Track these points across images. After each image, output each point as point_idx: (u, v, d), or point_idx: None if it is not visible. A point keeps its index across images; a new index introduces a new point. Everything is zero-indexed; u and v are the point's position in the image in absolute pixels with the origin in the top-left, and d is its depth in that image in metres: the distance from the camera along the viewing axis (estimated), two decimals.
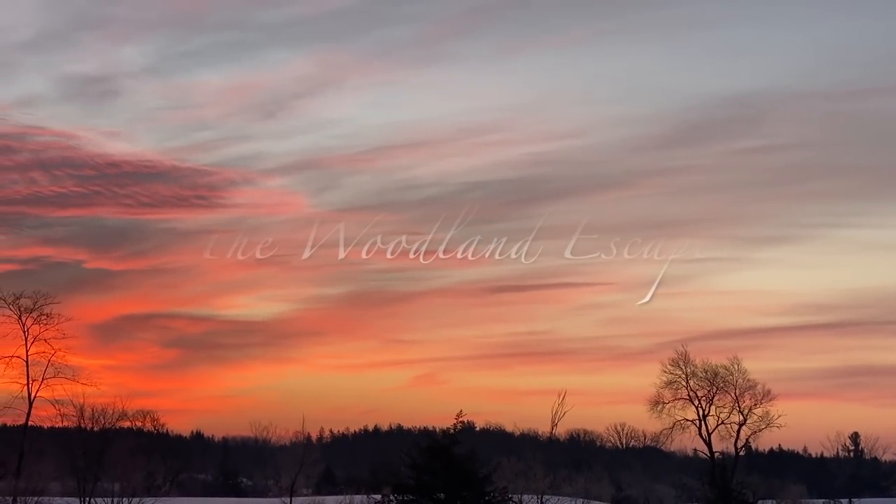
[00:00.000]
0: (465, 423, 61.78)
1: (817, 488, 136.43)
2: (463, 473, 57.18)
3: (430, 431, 72.49)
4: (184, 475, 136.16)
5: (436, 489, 56.71)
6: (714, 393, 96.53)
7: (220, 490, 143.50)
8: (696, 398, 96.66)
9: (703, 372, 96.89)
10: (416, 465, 58.34)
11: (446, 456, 57.34)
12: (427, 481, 56.89)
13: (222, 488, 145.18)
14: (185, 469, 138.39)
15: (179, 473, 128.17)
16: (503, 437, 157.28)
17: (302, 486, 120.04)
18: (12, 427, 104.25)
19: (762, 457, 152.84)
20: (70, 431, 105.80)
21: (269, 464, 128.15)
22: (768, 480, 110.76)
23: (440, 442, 58.78)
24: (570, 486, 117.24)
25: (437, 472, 56.88)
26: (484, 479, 58.74)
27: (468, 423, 74.00)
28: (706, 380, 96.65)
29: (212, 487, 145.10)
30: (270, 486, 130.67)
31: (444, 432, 59.48)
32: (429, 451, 58.14)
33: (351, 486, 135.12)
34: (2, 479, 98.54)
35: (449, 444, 58.09)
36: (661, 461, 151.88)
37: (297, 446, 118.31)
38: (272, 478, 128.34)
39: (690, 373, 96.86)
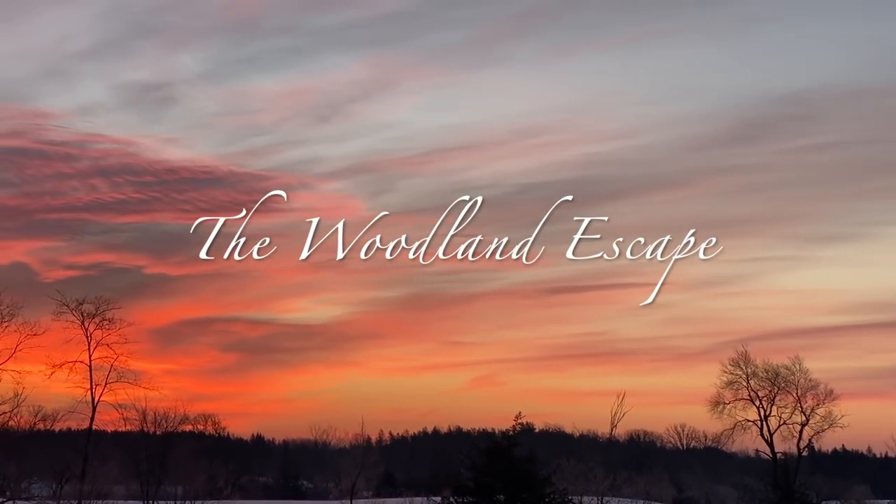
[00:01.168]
0: (524, 425, 61.69)
1: (882, 489, 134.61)
2: (523, 475, 57.10)
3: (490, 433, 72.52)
4: (245, 478, 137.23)
5: (495, 491, 56.68)
6: (775, 393, 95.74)
7: (281, 493, 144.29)
8: (757, 398, 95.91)
9: (763, 372, 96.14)
10: (475, 466, 58.33)
11: (506, 457, 57.28)
12: (487, 483, 56.87)
13: (283, 491, 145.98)
14: (246, 472, 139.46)
15: (241, 476, 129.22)
16: (563, 439, 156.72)
17: (362, 489, 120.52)
18: (77, 431, 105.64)
19: (825, 457, 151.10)
20: (133, 435, 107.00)
21: (330, 466, 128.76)
22: (832, 481, 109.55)
23: (500, 443, 58.72)
24: (631, 488, 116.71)
25: (497, 473, 56.84)
26: (544, 480, 58.61)
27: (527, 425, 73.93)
28: (767, 380, 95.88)
29: (273, 490, 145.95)
30: (331, 489, 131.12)
31: (504, 434, 59.40)
32: (488, 453, 58.11)
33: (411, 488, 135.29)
34: (67, 482, 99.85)
35: (508, 446, 58.02)
36: (722, 462, 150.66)
37: (357, 449, 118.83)
38: (332, 480, 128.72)
39: (751, 373, 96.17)
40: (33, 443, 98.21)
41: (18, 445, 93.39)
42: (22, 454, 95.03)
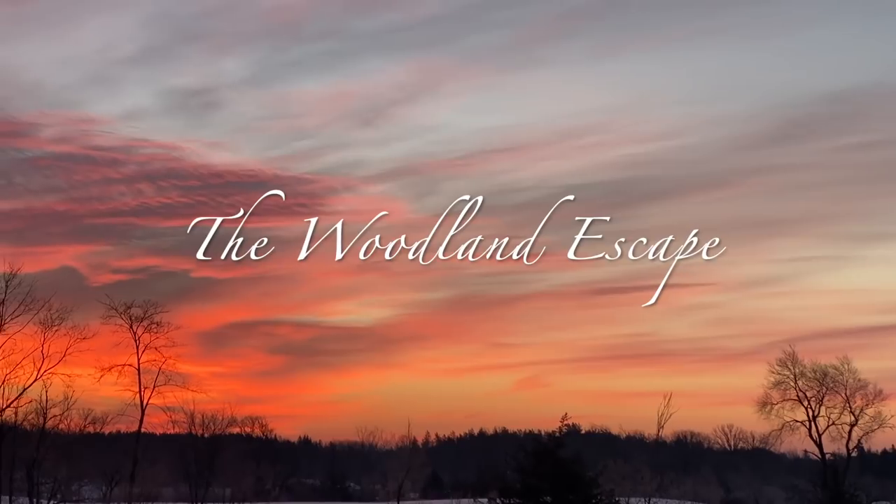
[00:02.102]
0: (570, 426, 61.50)
1: None
2: (569, 476, 56.95)
3: (536, 434, 72.15)
4: (292, 480, 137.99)
5: (542, 492, 56.58)
6: (824, 393, 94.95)
7: (329, 494, 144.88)
8: (805, 399, 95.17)
9: (811, 372, 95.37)
10: (522, 468, 58.25)
11: (552, 459, 57.15)
12: (533, 484, 56.78)
13: (330, 493, 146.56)
14: (294, 474, 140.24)
15: (288, 478, 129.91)
16: (609, 440, 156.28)
17: (409, 491, 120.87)
18: (126, 434, 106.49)
19: (875, 458, 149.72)
20: (181, 438, 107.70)
21: (376, 468, 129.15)
22: (882, 482, 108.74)
23: (546, 445, 58.59)
24: (678, 489, 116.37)
25: (544, 475, 56.73)
26: (591, 481, 58.42)
27: (573, 426, 73.83)
28: (815, 380, 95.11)
29: (320, 492, 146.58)
30: (378, 491, 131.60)
31: (550, 435, 59.24)
32: (535, 455, 57.99)
33: (457, 489, 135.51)
34: (117, 484, 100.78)
35: (555, 447, 57.88)
36: (770, 463, 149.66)
37: (404, 451, 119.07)
38: (379, 482, 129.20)
39: (799, 373, 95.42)
40: (83, 445, 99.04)
41: (69, 448, 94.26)
42: (72, 457, 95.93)
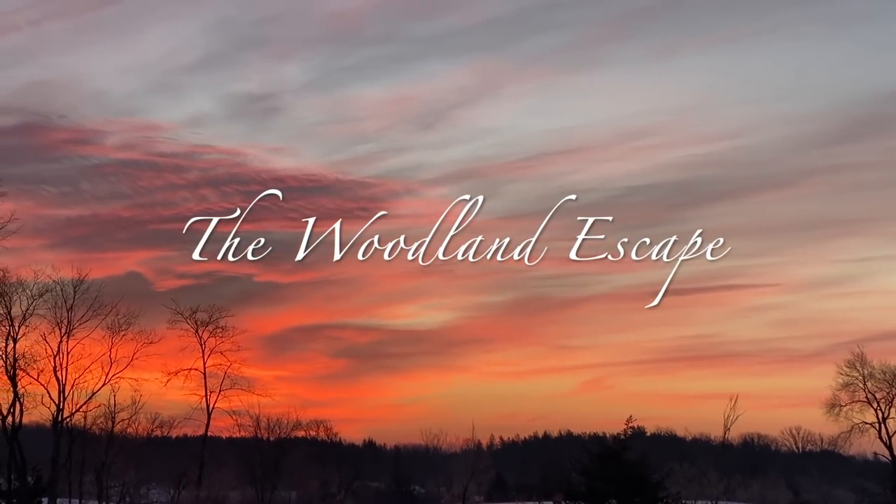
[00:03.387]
0: (635, 428, 61.12)
1: None
2: (635, 479, 56.58)
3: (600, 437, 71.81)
4: (357, 483, 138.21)
5: (608, 495, 56.26)
6: (894, 395, 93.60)
7: (394, 498, 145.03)
8: (874, 400, 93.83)
9: (881, 373, 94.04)
10: (587, 470, 57.97)
11: (618, 461, 56.81)
12: (598, 487, 56.47)
13: (395, 496, 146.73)
14: (359, 477, 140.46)
15: (353, 482, 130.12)
16: (674, 442, 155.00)
17: (474, 493, 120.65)
18: (193, 437, 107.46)
19: None
20: (247, 441, 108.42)
21: (441, 471, 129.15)
22: None
23: (611, 447, 58.26)
24: (745, 492, 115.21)
25: (609, 477, 56.41)
26: (656, 484, 57.98)
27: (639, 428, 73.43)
28: (885, 381, 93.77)
29: (385, 495, 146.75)
30: (443, 494, 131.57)
31: (615, 437, 58.91)
32: (600, 457, 57.68)
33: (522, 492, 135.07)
34: (184, 488, 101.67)
35: (620, 450, 57.54)
36: (839, 465, 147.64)
37: (468, 453, 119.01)
38: (444, 485, 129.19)
39: (868, 374, 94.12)
40: (151, 449, 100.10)
41: (137, 452, 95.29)
42: (140, 460, 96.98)
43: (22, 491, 76.90)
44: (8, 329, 74.66)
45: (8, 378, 74.84)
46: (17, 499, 77.01)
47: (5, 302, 74.60)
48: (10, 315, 74.83)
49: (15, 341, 75.15)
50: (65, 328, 78.80)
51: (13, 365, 74.80)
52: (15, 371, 75.01)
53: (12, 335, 74.91)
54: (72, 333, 79.11)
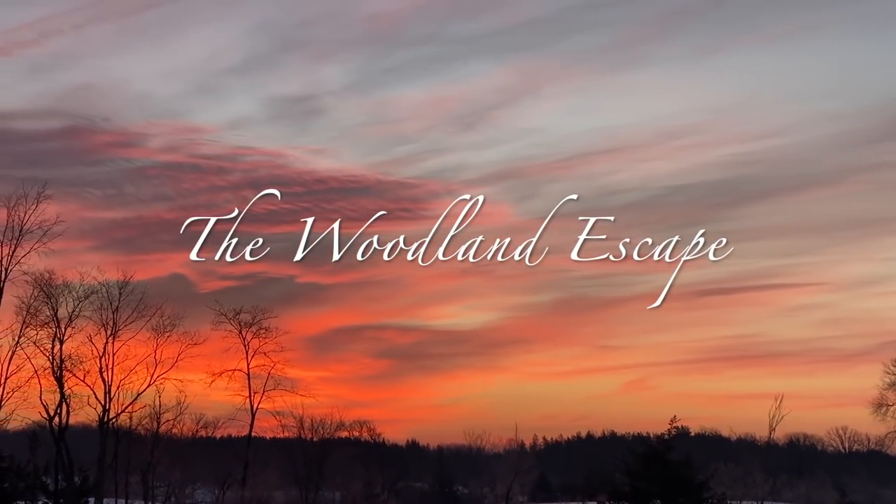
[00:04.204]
0: (679, 429, 60.78)
1: None
2: (679, 479, 56.28)
3: (644, 437, 71.64)
4: (401, 484, 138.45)
5: (652, 495, 56.00)
6: None
7: (437, 498, 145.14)
8: None
9: None
10: (631, 471, 57.73)
11: (662, 462, 56.53)
12: (643, 488, 56.22)
13: (438, 496, 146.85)
14: (402, 478, 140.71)
15: (397, 482, 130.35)
16: (719, 443, 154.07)
17: (517, 494, 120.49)
18: (237, 438, 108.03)
19: None
20: (291, 442, 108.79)
21: (485, 472, 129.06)
22: None
23: (655, 447, 57.97)
24: (791, 492, 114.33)
25: (653, 478, 56.14)
26: (701, 485, 57.64)
27: (683, 429, 73.12)
28: None
29: (428, 496, 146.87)
30: (486, 494, 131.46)
31: (659, 438, 58.63)
32: (644, 457, 57.41)
33: (566, 492, 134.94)
34: (229, 488, 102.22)
35: (664, 450, 57.24)
36: (887, 465, 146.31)
37: (512, 454, 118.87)
38: (487, 486, 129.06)
39: None
40: (196, 450, 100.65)
41: (182, 452, 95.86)
42: (185, 461, 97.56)
43: (69, 491, 77.54)
44: (54, 331, 75.36)
45: (55, 379, 75.54)
46: (64, 499, 77.64)
47: (52, 304, 75.29)
48: (57, 317, 75.57)
49: (61, 343, 75.88)
50: (110, 329, 79.49)
51: (60, 366, 75.48)
52: (62, 372, 75.70)
53: (59, 337, 75.61)
54: (117, 335, 79.78)
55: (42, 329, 74.38)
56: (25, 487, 79.10)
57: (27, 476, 79.31)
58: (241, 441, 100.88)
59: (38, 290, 73.63)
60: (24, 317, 72.38)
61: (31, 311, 72.97)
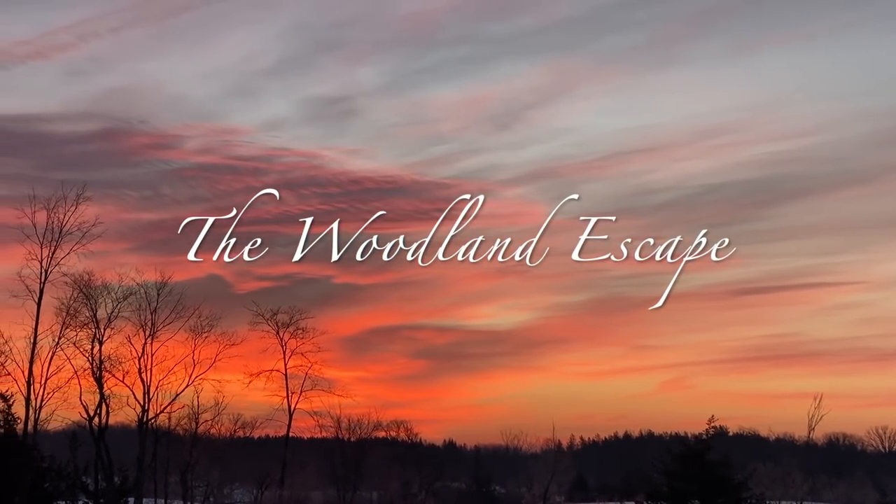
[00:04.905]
0: (717, 428, 60.59)
1: None
2: (718, 480, 56.10)
3: (682, 437, 71.27)
4: (438, 484, 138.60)
5: (690, 496, 55.85)
6: None
7: (474, 498, 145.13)
8: None
9: None
10: (668, 471, 57.60)
11: (700, 462, 56.37)
12: (681, 488, 56.08)
13: (476, 496, 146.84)
14: (439, 478, 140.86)
15: (434, 482, 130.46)
16: (757, 443, 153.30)
17: (554, 494, 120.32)
18: (274, 438, 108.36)
19: None
20: (328, 442, 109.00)
21: (522, 471, 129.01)
22: None
23: (693, 447, 57.83)
24: (831, 492, 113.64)
25: (691, 478, 56.00)
26: (739, 485, 57.43)
27: (721, 428, 72.70)
28: None
29: (466, 496, 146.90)
30: (523, 494, 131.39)
31: (697, 438, 58.47)
32: (682, 457, 57.28)
33: (603, 493, 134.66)
34: (267, 488, 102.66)
35: (702, 450, 57.09)
36: None
37: (549, 454, 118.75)
38: (525, 485, 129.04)
39: None
40: (234, 450, 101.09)
41: (220, 452, 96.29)
42: (224, 461, 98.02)
43: (109, 491, 78.17)
44: (94, 332, 75.75)
45: (94, 380, 75.98)
46: (104, 499, 78.29)
47: (91, 305, 75.62)
48: (96, 318, 75.88)
49: (101, 343, 76.25)
50: (149, 330, 79.75)
51: (99, 367, 75.93)
52: (101, 373, 76.17)
53: (98, 338, 76.00)
54: (156, 335, 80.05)
55: (82, 330, 74.74)
56: (66, 487, 79.96)
57: (68, 476, 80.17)
58: (278, 441, 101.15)
59: (78, 291, 73.98)
60: (64, 318, 72.69)
61: (71, 313, 73.29)
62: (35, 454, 72.76)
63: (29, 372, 68.39)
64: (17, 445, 68.77)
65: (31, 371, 68.46)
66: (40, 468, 75.23)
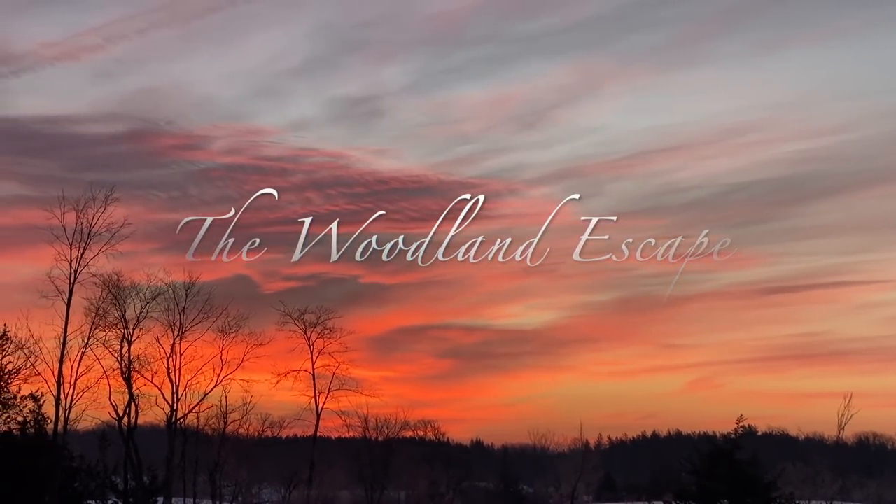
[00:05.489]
0: (746, 428, 60.32)
1: None
2: (747, 479, 55.92)
3: (710, 436, 71.05)
4: (465, 483, 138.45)
5: (719, 495, 55.69)
6: None
7: (502, 498, 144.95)
8: None
9: None
10: (697, 470, 57.46)
11: (729, 461, 56.21)
12: (709, 487, 55.92)
13: (503, 496, 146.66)
14: (467, 477, 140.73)
15: (461, 482, 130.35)
16: (787, 442, 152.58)
17: (582, 493, 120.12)
18: (302, 438, 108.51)
19: None
20: (356, 441, 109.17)
21: (549, 471, 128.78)
22: None
23: (722, 447, 57.68)
24: (861, 492, 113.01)
25: (720, 477, 55.83)
26: (769, 484, 57.22)
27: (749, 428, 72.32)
28: None
29: (493, 495, 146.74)
30: (551, 494, 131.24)
31: (726, 437, 58.31)
32: (710, 457, 57.13)
33: (631, 492, 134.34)
34: (295, 487, 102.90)
35: (731, 449, 56.93)
36: None
37: (576, 453, 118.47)
38: (552, 485, 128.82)
39: None
40: (262, 449, 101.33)
41: (249, 452, 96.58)
42: (252, 460, 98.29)
43: (138, 490, 78.58)
44: (123, 332, 76.12)
45: (123, 380, 76.35)
46: (133, 498, 78.71)
47: (120, 305, 75.96)
48: (125, 318, 76.22)
49: (130, 344, 76.60)
50: (177, 330, 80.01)
51: (128, 367, 76.31)
52: (130, 373, 76.53)
53: (127, 338, 76.34)
54: (184, 336, 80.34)
55: (111, 330, 75.08)
56: (96, 487, 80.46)
57: (97, 475, 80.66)
58: (306, 441, 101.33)
59: (107, 292, 74.33)
60: (94, 318, 72.98)
61: (100, 313, 73.57)
62: (65, 454, 73.14)
63: (59, 372, 68.75)
64: (48, 445, 69.17)
65: (61, 371, 68.81)
66: (70, 468, 75.68)
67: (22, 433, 69.24)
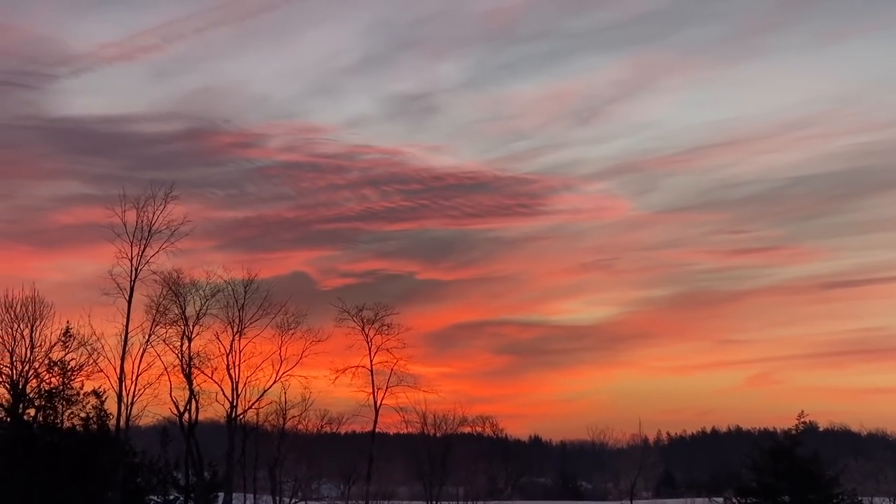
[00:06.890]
0: (807, 423, 59.76)
1: None
2: (808, 476, 55.41)
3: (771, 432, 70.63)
4: (524, 479, 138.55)
5: (780, 492, 55.23)
6: None
7: (560, 494, 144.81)
8: None
9: None
10: (758, 467, 57.02)
11: (790, 457, 55.72)
12: (770, 484, 55.47)
13: (562, 492, 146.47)
14: (525, 473, 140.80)
15: (520, 477, 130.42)
16: (849, 438, 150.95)
17: (641, 489, 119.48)
18: (361, 433, 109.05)
19: None
20: (414, 437, 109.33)
21: (608, 467, 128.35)
22: None
23: (783, 443, 57.20)
24: None
25: (781, 474, 55.37)
26: (830, 481, 56.67)
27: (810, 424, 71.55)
28: None
29: (552, 491, 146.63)
30: (610, 490, 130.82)
31: (786, 433, 57.83)
32: (771, 453, 56.67)
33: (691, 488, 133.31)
34: (353, 483, 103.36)
35: (791, 446, 56.43)
36: None
37: (635, 449, 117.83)
38: (611, 481, 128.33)
39: None
40: (321, 445, 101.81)
41: (308, 448, 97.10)
42: (311, 456, 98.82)
43: (199, 486, 79.32)
44: (183, 329, 76.80)
45: (184, 376, 77.01)
46: (194, 493, 79.47)
47: (180, 302, 76.61)
48: (185, 315, 76.90)
49: (190, 340, 77.24)
50: (236, 327, 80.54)
51: (188, 363, 76.97)
52: (190, 369, 77.20)
53: (187, 335, 76.99)
54: (243, 332, 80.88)
55: (171, 327, 75.77)
56: (157, 482, 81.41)
57: (159, 471, 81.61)
58: (365, 437, 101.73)
59: (167, 289, 75.05)
60: (154, 315, 73.77)
61: (161, 310, 74.31)
62: (127, 449, 74.04)
63: (121, 369, 69.64)
64: (110, 441, 70.06)
65: (123, 368, 69.70)
66: (132, 463, 76.60)
67: (85, 429, 70.15)
